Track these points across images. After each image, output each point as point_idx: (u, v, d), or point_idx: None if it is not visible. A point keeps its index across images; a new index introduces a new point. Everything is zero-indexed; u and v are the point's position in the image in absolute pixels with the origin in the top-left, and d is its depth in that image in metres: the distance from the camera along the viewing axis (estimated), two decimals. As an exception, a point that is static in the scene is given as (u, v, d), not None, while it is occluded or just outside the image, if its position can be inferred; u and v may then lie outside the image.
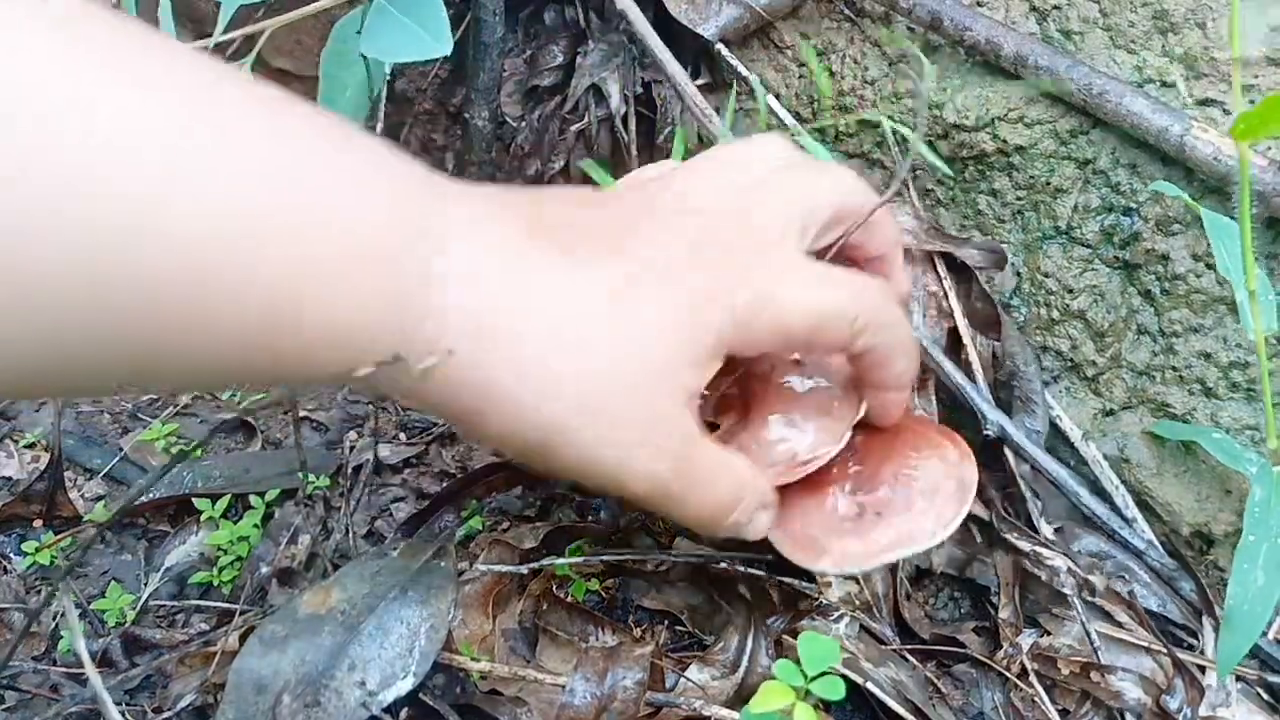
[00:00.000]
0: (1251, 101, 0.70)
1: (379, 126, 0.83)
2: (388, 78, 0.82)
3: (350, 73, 0.80)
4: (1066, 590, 0.70)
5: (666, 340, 0.42)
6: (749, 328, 0.45)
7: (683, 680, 0.66)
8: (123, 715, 0.66)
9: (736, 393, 0.62)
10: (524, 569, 0.72)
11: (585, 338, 0.41)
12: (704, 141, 0.93)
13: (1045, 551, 0.71)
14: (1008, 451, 0.77)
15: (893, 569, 0.74)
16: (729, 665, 0.67)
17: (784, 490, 0.64)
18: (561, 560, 0.72)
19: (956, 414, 0.82)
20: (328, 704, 0.57)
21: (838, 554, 0.64)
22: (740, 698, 0.66)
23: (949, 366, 0.76)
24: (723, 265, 0.45)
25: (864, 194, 0.53)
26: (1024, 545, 0.71)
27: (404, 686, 0.59)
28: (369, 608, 0.62)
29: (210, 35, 0.72)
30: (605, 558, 0.75)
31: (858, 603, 0.73)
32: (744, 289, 0.45)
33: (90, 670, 0.55)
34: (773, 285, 0.46)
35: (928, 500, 0.65)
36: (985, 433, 0.75)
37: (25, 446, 0.92)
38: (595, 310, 0.41)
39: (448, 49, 0.71)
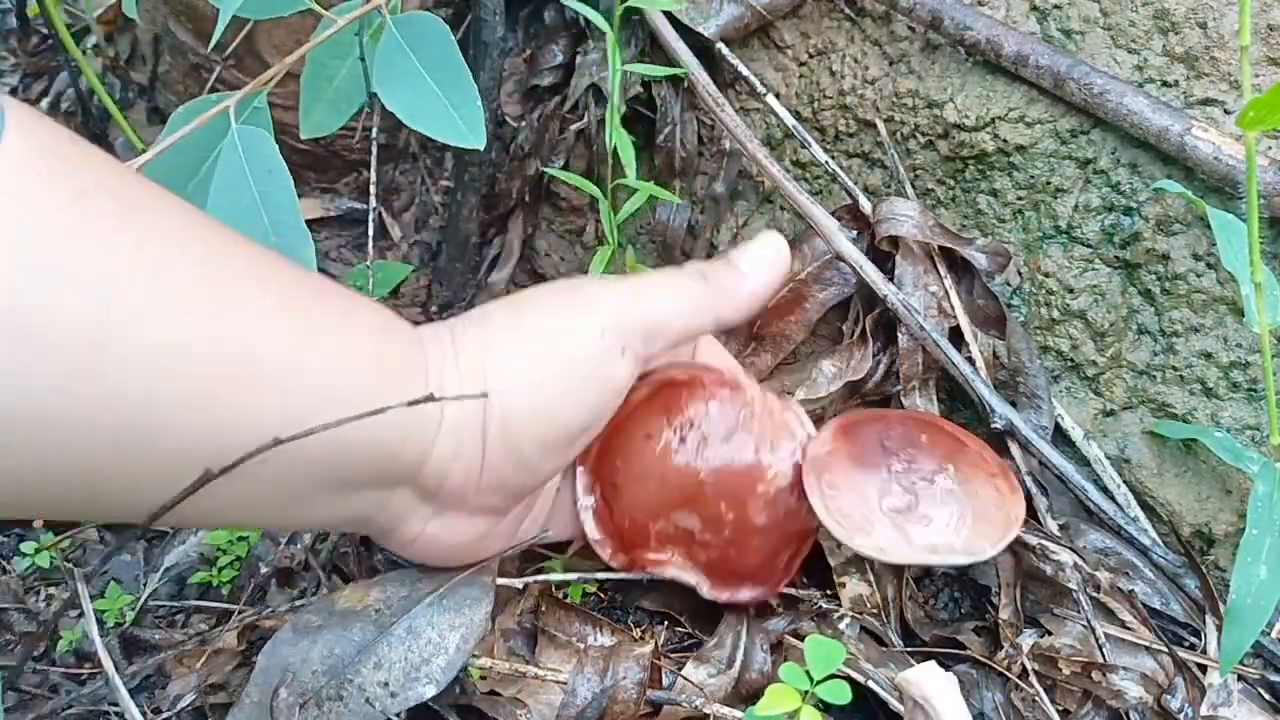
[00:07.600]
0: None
1: (376, 127, 0.83)
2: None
3: (341, 62, 0.70)
4: (1072, 585, 0.69)
5: None
6: None
7: (680, 678, 0.66)
8: (121, 717, 0.66)
9: None
10: (519, 583, 0.71)
11: None
12: (704, 141, 0.93)
13: (1052, 546, 0.70)
14: (1014, 447, 0.76)
15: (900, 572, 0.74)
16: (725, 661, 0.67)
17: (835, 456, 0.67)
18: (557, 577, 0.72)
19: (957, 411, 0.82)
20: (349, 699, 0.57)
21: (880, 539, 0.64)
22: (738, 694, 0.66)
23: (956, 358, 0.76)
24: None
25: None
26: (1030, 539, 0.71)
27: (426, 692, 0.58)
28: (403, 610, 0.61)
29: (206, 32, 0.71)
30: (600, 576, 0.73)
31: (869, 605, 0.73)
32: None
33: (106, 661, 0.55)
34: None
35: (977, 523, 0.66)
36: (993, 426, 0.75)
37: (24, 447, 0.91)
38: None
39: (481, 142, 0.62)
